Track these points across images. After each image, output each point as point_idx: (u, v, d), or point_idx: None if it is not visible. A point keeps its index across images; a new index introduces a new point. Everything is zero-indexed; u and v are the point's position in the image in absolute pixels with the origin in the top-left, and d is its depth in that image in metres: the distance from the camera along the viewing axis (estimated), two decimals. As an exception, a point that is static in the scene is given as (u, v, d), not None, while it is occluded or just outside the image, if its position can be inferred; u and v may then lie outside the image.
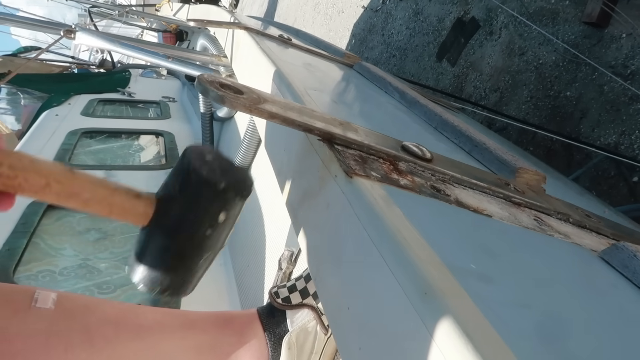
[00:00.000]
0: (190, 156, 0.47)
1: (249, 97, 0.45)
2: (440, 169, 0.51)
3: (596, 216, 0.63)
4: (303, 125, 0.46)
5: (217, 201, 0.47)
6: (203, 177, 0.46)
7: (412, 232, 0.35)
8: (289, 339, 0.89)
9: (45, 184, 0.42)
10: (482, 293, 0.31)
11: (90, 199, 0.45)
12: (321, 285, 0.43)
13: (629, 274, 0.44)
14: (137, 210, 0.48)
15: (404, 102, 0.94)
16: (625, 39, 2.41)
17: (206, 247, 0.50)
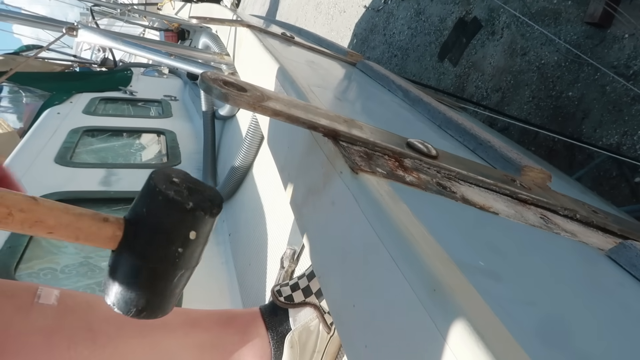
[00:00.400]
0: (156, 179, 0.49)
1: (253, 94, 0.44)
2: (446, 165, 0.51)
3: (603, 212, 0.63)
4: (308, 122, 0.46)
5: (186, 221, 0.49)
6: (169, 198, 0.47)
7: (419, 228, 0.34)
8: (292, 337, 0.88)
9: (7, 214, 0.43)
10: (491, 290, 0.30)
11: (55, 226, 0.45)
12: (326, 282, 0.43)
13: (637, 273, 0.44)
14: (106, 234, 0.48)
15: (407, 100, 0.94)
16: (628, 39, 2.40)
17: (179, 266, 0.50)
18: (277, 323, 0.91)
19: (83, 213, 0.48)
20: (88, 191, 1.87)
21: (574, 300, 0.37)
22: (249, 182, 1.66)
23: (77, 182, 1.91)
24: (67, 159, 2.09)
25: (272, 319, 0.91)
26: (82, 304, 0.81)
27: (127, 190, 1.90)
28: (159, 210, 0.48)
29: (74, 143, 2.27)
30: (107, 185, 1.93)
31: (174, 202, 0.47)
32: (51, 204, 0.46)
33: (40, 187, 1.79)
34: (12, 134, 2.92)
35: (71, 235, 0.47)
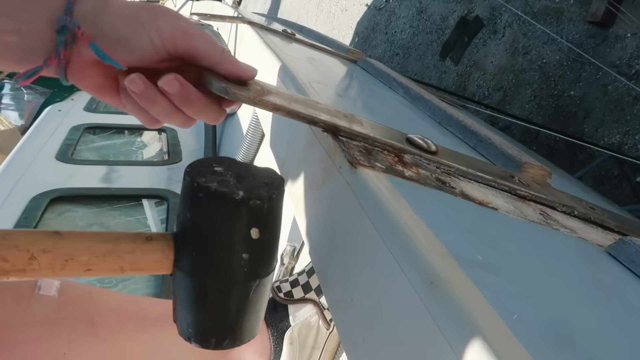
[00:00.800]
0: (193, 172, 0.39)
1: (253, 89, 0.44)
2: (445, 161, 0.51)
3: (600, 209, 0.63)
4: (308, 117, 0.45)
5: (241, 216, 0.38)
6: (212, 191, 0.38)
7: (418, 222, 0.34)
8: (291, 333, 0.89)
9: (29, 258, 0.35)
10: (490, 284, 0.30)
11: (90, 261, 0.37)
12: (325, 277, 0.43)
13: (636, 269, 0.44)
14: (154, 257, 0.39)
15: (408, 97, 0.93)
16: (630, 38, 2.40)
17: (251, 275, 0.40)
18: (277, 319, 0.91)
19: (120, 236, 0.39)
20: (89, 188, 1.87)
21: (573, 295, 0.37)
22: (249, 180, 1.66)
23: (78, 179, 1.91)
24: (68, 156, 2.09)
25: (272, 316, 0.92)
26: (83, 295, 0.78)
27: (128, 187, 1.91)
28: (205, 211, 0.38)
29: (75, 140, 2.27)
30: (109, 182, 1.93)
31: (220, 196, 0.37)
32: (78, 234, 0.38)
33: (42, 184, 1.80)
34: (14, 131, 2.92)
35: (114, 267, 0.38)
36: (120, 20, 0.41)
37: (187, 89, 0.42)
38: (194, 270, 0.39)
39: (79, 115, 2.63)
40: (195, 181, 0.38)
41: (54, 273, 0.36)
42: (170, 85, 0.41)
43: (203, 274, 0.39)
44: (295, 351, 0.88)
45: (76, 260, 0.36)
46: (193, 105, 0.43)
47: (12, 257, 0.34)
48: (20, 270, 0.35)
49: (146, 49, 0.41)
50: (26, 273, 0.35)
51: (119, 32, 0.41)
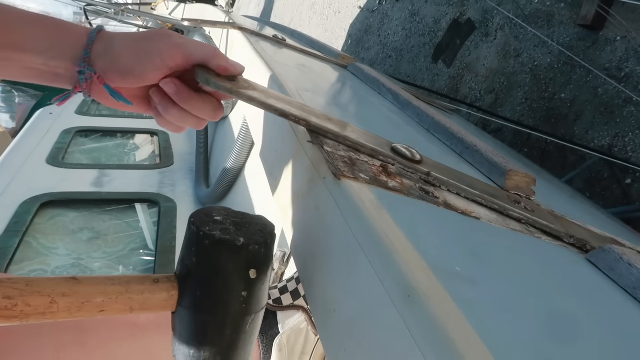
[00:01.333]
0: (197, 221, 0.45)
1: (240, 84, 0.47)
2: (429, 171, 0.52)
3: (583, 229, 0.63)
4: (279, 110, 0.47)
5: (241, 259, 0.44)
6: (217, 238, 0.43)
7: (399, 234, 0.35)
8: (280, 340, 0.89)
9: (50, 302, 0.39)
10: (466, 295, 0.31)
11: (104, 302, 0.41)
12: (309, 286, 0.44)
13: (615, 277, 0.45)
14: (160, 297, 0.44)
15: (397, 104, 0.94)
16: (620, 41, 2.42)
17: (247, 311, 0.45)
18: (265, 326, 0.92)
19: (130, 279, 0.43)
20: (80, 192, 1.86)
21: (552, 305, 0.38)
22: (240, 184, 1.66)
23: (69, 183, 1.90)
24: (58, 159, 2.08)
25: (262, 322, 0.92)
26: None
27: (119, 191, 1.90)
28: (210, 255, 0.43)
29: (66, 143, 2.26)
30: (99, 186, 1.93)
31: (223, 242, 0.43)
32: (92, 278, 0.42)
33: (32, 188, 1.79)
34: (4, 134, 2.91)
35: (124, 307, 0.42)
36: (126, 54, 0.50)
37: (183, 88, 0.51)
38: (198, 308, 0.44)
39: (70, 118, 2.62)
40: (200, 230, 0.43)
41: (70, 315, 0.40)
42: (168, 86, 0.51)
43: (206, 311, 0.44)
44: (284, 357, 0.89)
45: (92, 302, 0.40)
46: (190, 102, 0.51)
47: (34, 302, 0.38)
48: (40, 313, 0.39)
49: (152, 71, 0.50)
50: (45, 316, 0.39)
51: (127, 64, 0.50)
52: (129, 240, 1.72)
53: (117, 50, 0.50)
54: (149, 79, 0.51)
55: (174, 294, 0.45)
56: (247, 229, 0.45)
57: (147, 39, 0.51)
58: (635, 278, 0.43)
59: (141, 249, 1.69)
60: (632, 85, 2.34)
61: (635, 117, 2.32)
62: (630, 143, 2.33)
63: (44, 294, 0.39)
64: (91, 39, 0.51)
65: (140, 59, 0.50)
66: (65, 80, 0.53)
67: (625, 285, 0.44)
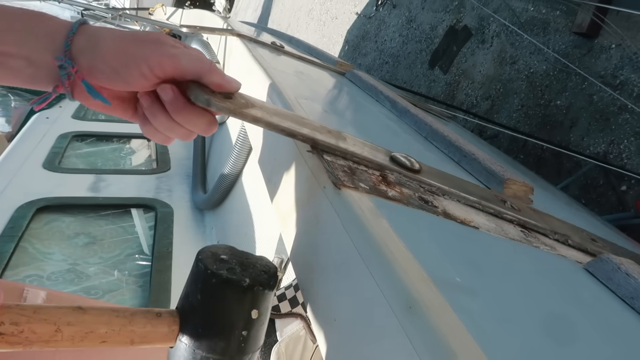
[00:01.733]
0: (205, 260, 0.46)
1: (237, 102, 0.45)
2: (428, 180, 0.52)
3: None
4: (287, 130, 0.46)
5: (245, 300, 0.45)
6: (224, 278, 0.44)
7: (399, 244, 0.35)
8: (278, 348, 0.89)
9: (55, 330, 0.39)
10: (467, 306, 0.31)
11: (107, 334, 0.42)
12: (309, 295, 0.44)
13: (613, 287, 0.45)
14: (162, 331, 0.45)
15: (395, 111, 0.94)
16: (615, 49, 2.44)
17: (245, 350, 0.46)
18: None
19: (135, 312, 0.44)
20: (76, 197, 1.86)
21: (551, 314, 0.38)
22: (238, 190, 1.66)
23: (66, 188, 1.90)
24: (55, 164, 2.08)
25: None
26: None
27: (116, 197, 1.90)
28: (215, 294, 0.44)
29: (63, 148, 2.25)
30: (96, 192, 1.92)
31: (230, 282, 0.44)
32: (98, 310, 0.43)
33: (28, 193, 1.78)
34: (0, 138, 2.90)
35: (125, 340, 0.43)
36: (112, 55, 0.46)
37: (180, 98, 0.47)
38: (197, 344, 0.45)
39: (67, 122, 2.62)
40: (208, 269, 0.44)
41: (73, 344, 0.41)
42: (165, 92, 0.47)
43: (205, 348, 0.44)
44: None
45: (95, 333, 0.41)
46: (185, 114, 0.47)
47: (40, 330, 0.39)
48: (45, 341, 0.39)
49: (137, 78, 0.46)
50: (49, 344, 0.40)
51: (112, 66, 0.46)
52: (125, 245, 1.71)
53: (102, 47, 0.46)
54: (134, 85, 0.47)
55: (175, 329, 0.45)
56: (252, 270, 0.46)
57: (138, 42, 0.47)
58: (633, 288, 0.43)
59: (137, 254, 1.69)
60: (628, 92, 2.36)
61: (631, 125, 2.33)
62: (626, 150, 2.34)
63: (50, 322, 0.39)
64: (72, 30, 0.46)
65: (127, 63, 0.46)
66: (46, 79, 0.48)
67: (623, 295, 0.44)
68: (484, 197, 0.55)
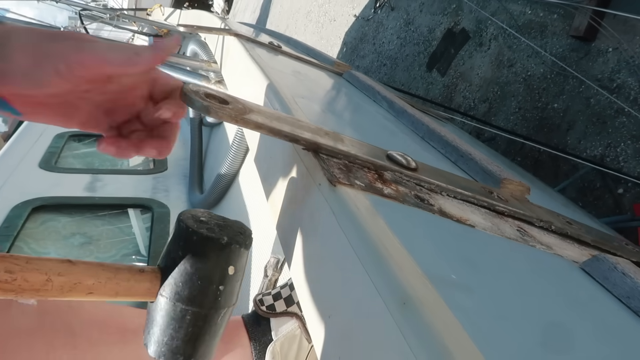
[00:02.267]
0: (187, 220, 0.49)
1: (235, 107, 0.44)
2: (425, 178, 0.52)
3: (578, 223, 0.64)
4: (290, 135, 0.46)
5: (224, 256, 0.48)
6: (204, 235, 0.47)
7: (394, 241, 0.35)
8: (273, 348, 0.89)
9: (46, 280, 0.42)
10: (462, 304, 0.31)
11: (94, 285, 0.44)
12: (303, 293, 0.43)
13: (609, 286, 0.45)
14: (144, 286, 0.48)
15: (392, 112, 0.94)
16: (612, 53, 2.45)
17: (221, 304, 0.50)
18: (259, 333, 0.92)
19: (120, 267, 0.47)
20: (73, 197, 1.85)
21: (547, 313, 0.38)
22: (234, 190, 1.66)
23: (62, 188, 1.89)
24: (51, 164, 2.07)
25: (255, 329, 0.93)
26: (63, 305, 0.78)
27: (112, 197, 1.89)
28: (195, 250, 0.48)
29: (60, 148, 2.25)
30: (92, 191, 1.92)
31: (209, 239, 0.47)
32: (86, 263, 0.45)
33: (24, 193, 1.78)
34: (-3, 138, 2.89)
35: (110, 292, 0.46)
36: (21, 55, 0.40)
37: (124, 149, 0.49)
38: (177, 297, 0.48)
39: (64, 122, 2.60)
40: (189, 227, 0.48)
41: (62, 294, 0.43)
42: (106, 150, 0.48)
43: (185, 301, 0.47)
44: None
45: (83, 284, 0.44)
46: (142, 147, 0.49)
47: (33, 279, 0.41)
48: (35, 290, 0.41)
49: (54, 79, 0.41)
50: (39, 292, 0.42)
51: (22, 67, 0.40)
52: (121, 245, 1.71)
53: (9, 47, 0.40)
54: (50, 87, 0.41)
55: (157, 284, 0.48)
56: (229, 230, 0.50)
57: (51, 38, 0.41)
58: (629, 287, 0.43)
59: (134, 255, 1.68)
60: (624, 96, 2.36)
61: (627, 128, 2.34)
62: (622, 153, 2.35)
63: (42, 272, 0.41)
64: None
65: (39, 62, 0.40)
66: None
67: (620, 295, 0.44)
68: (478, 191, 0.55)
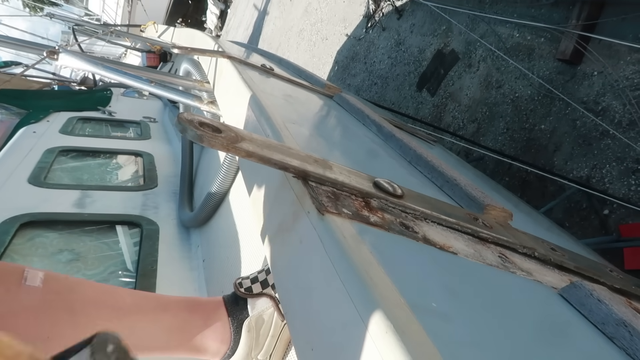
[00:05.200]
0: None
1: (227, 135, 0.46)
2: (411, 205, 0.53)
3: (561, 249, 0.66)
4: (279, 163, 0.48)
5: None
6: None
7: (378, 270, 0.36)
8: (249, 322, 0.99)
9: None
10: (441, 332, 0.32)
11: None
12: (291, 319, 0.45)
13: (585, 312, 0.47)
14: None
15: (381, 135, 0.97)
16: (597, 76, 2.50)
17: None
18: (237, 311, 1.01)
19: None
20: (61, 213, 1.84)
21: (524, 339, 0.39)
22: (224, 208, 1.66)
23: (51, 204, 1.88)
24: (41, 179, 2.07)
25: (234, 308, 1.02)
26: (65, 286, 0.88)
27: (101, 213, 1.89)
28: None
29: (49, 163, 2.24)
30: (81, 208, 1.91)
31: None
32: None
33: (13, 209, 1.77)
34: (-14, 152, 2.87)
35: None
36: None
37: None
38: None
39: (54, 137, 2.61)
40: None
41: None
42: None
43: None
44: (252, 338, 0.98)
45: None
46: None
47: None
48: None
49: None
50: None
51: None
52: (109, 263, 1.70)
53: None
54: None
55: None
56: None
57: None
58: (604, 314, 0.45)
59: (121, 272, 1.68)
60: (609, 119, 2.41)
61: (612, 150, 2.38)
62: (608, 175, 2.39)
63: None
64: None
65: None
66: None
67: (595, 321, 0.45)
68: (462, 218, 0.57)
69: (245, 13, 9.74)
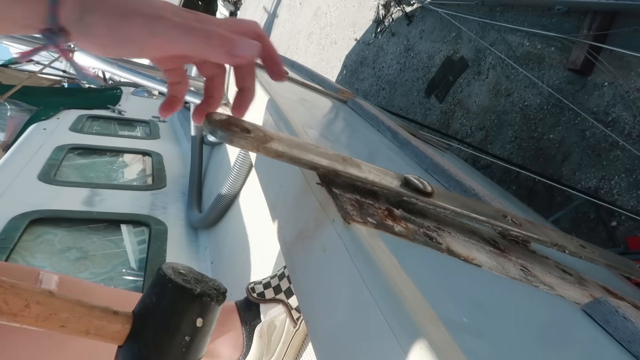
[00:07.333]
0: (165, 270, 0.52)
1: (256, 135, 0.45)
2: (441, 203, 0.53)
3: (591, 246, 0.66)
4: (309, 163, 0.47)
5: (194, 307, 0.51)
6: (179, 284, 0.50)
7: (408, 283, 0.36)
8: (261, 328, 0.99)
9: (24, 305, 0.44)
10: (475, 349, 0.32)
11: (68, 319, 0.46)
12: (313, 327, 0.44)
13: (611, 330, 0.46)
14: (115, 328, 0.49)
15: (396, 142, 0.96)
16: (607, 87, 2.49)
17: (186, 356, 0.51)
18: (250, 317, 1.02)
19: (95, 306, 0.49)
20: (70, 211, 1.85)
21: (551, 356, 0.39)
22: (234, 211, 1.66)
23: (60, 201, 1.89)
24: (50, 176, 2.07)
25: (247, 314, 1.03)
26: (79, 289, 0.88)
27: (110, 212, 1.89)
28: (168, 298, 0.50)
29: (59, 160, 2.25)
30: (90, 206, 1.91)
31: (183, 289, 0.50)
32: (65, 296, 0.47)
33: (23, 205, 1.77)
34: (-5, 148, 2.89)
35: (82, 328, 0.47)
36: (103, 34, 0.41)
37: None
38: (144, 344, 0.49)
39: (64, 134, 2.61)
40: (166, 275, 0.51)
41: (36, 323, 0.45)
42: None
43: (150, 348, 0.49)
44: (264, 344, 0.98)
45: (57, 316, 0.46)
46: None
47: (13, 302, 0.43)
48: (13, 314, 0.43)
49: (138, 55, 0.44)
50: (15, 317, 0.44)
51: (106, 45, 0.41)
52: (117, 262, 1.70)
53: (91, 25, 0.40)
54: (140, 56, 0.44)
55: (127, 327, 0.50)
56: (204, 284, 0.53)
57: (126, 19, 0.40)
58: (631, 332, 0.44)
59: (129, 271, 1.68)
60: (619, 130, 2.40)
61: (622, 161, 2.37)
62: (616, 186, 2.38)
63: (22, 298, 0.44)
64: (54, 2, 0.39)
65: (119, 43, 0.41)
66: None
67: (621, 339, 0.45)
68: (492, 215, 0.57)
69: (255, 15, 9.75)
